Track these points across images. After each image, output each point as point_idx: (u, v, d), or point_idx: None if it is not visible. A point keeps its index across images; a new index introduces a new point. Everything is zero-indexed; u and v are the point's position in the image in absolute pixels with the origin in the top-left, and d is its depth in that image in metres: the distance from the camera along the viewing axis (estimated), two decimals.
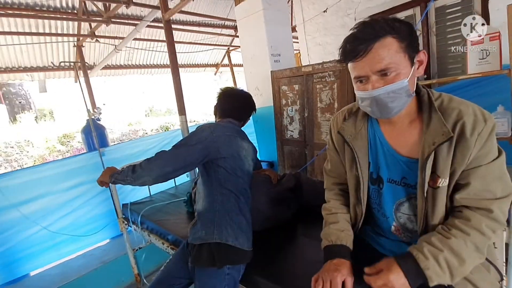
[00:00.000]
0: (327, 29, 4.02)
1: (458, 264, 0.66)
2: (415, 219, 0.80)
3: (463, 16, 2.81)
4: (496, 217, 0.68)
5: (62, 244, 2.58)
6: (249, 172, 1.35)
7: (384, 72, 0.69)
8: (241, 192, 1.27)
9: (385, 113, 0.74)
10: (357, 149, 0.85)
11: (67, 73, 5.60)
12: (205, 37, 6.31)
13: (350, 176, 0.90)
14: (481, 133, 0.67)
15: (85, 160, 2.68)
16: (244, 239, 1.21)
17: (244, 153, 1.31)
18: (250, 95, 1.51)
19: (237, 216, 1.23)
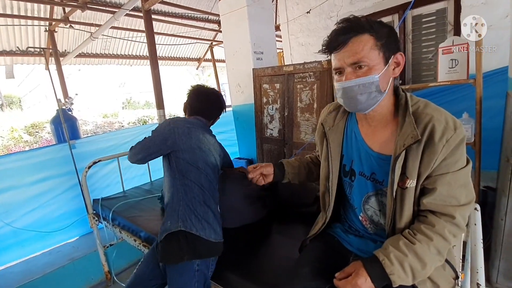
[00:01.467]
0: (310, 30, 4.08)
1: (421, 268, 0.71)
2: (379, 214, 0.86)
3: (437, 26, 2.97)
4: (457, 223, 0.73)
5: (28, 241, 2.43)
6: (214, 165, 1.35)
7: (357, 65, 0.75)
8: (204, 184, 1.28)
9: (353, 105, 0.80)
10: (331, 140, 0.91)
11: (37, 59, 5.27)
12: (187, 30, 6.16)
13: (322, 166, 0.96)
14: (449, 140, 0.71)
15: (53, 153, 2.53)
16: (210, 230, 1.21)
17: (208, 147, 1.33)
18: (220, 95, 1.53)
19: (201, 207, 1.23)
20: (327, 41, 0.79)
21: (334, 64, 0.80)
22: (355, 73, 0.76)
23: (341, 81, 0.78)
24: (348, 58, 0.75)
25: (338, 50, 0.77)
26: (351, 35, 0.75)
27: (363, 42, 0.74)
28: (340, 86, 0.79)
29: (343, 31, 0.76)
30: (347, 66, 0.76)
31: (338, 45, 0.76)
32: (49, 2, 3.90)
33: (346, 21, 0.77)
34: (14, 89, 12.16)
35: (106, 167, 2.82)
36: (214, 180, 1.34)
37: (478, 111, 1.69)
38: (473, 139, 1.69)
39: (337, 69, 0.79)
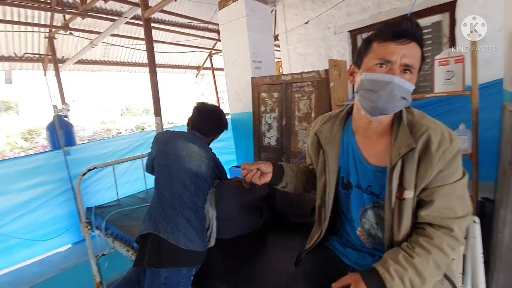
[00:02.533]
0: (308, 40, 4.12)
1: (420, 283, 0.69)
2: (377, 227, 0.83)
3: (433, 39, 3.02)
4: (456, 236, 0.72)
5: (16, 248, 2.37)
6: (194, 172, 1.35)
7: (407, 68, 0.72)
8: (176, 189, 1.29)
9: (388, 104, 0.73)
10: (328, 152, 0.88)
11: (35, 64, 5.26)
12: (187, 39, 6.22)
13: (319, 179, 0.93)
14: (445, 152, 0.70)
15: (46, 159, 2.50)
16: (179, 235, 1.19)
17: (188, 153, 1.37)
18: (221, 114, 1.56)
19: (170, 210, 1.25)
20: (391, 25, 0.73)
21: (384, 54, 0.71)
22: (401, 75, 0.72)
23: (390, 74, 0.71)
24: (406, 57, 0.71)
25: (399, 42, 0.71)
26: (415, 38, 0.72)
27: (418, 52, 0.73)
28: (387, 79, 0.71)
29: (412, 28, 0.71)
30: (399, 64, 0.71)
31: (402, 37, 0.70)
32: (50, 9, 3.93)
33: (414, 22, 0.73)
34: (12, 95, 12.13)
35: (99, 172, 2.79)
36: (191, 186, 1.32)
37: (474, 123, 1.69)
38: (470, 151, 1.69)
39: (385, 60, 0.72)
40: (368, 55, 0.76)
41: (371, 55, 0.74)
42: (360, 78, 0.77)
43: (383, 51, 0.72)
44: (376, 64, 0.73)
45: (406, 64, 0.71)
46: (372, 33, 0.77)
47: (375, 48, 0.74)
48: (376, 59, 0.73)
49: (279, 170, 0.95)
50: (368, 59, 0.75)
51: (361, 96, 0.78)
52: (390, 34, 0.72)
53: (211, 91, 8.64)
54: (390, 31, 0.72)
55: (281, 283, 0.96)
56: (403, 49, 0.70)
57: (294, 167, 1.04)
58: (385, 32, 0.73)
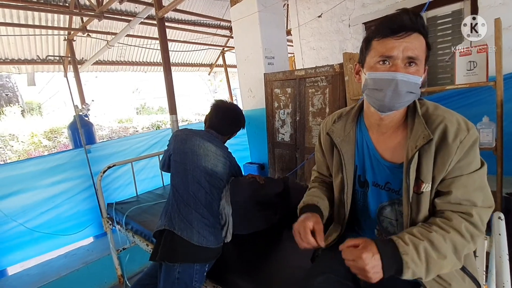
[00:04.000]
0: (321, 34, 4.05)
1: (436, 256, 0.65)
2: (396, 224, 0.81)
3: (453, 28, 2.89)
4: (475, 222, 0.69)
5: (42, 240, 2.51)
6: (209, 170, 1.36)
7: (411, 61, 0.70)
8: (191, 186, 1.31)
9: (395, 101, 0.71)
10: (344, 151, 0.86)
11: (56, 67, 5.48)
12: (200, 37, 6.27)
13: (336, 178, 0.91)
14: (463, 141, 0.68)
15: (69, 157, 2.61)
16: (193, 232, 1.21)
17: (205, 152, 1.38)
18: (240, 112, 1.57)
19: (184, 208, 1.27)
20: (387, 21, 0.71)
21: (385, 50, 0.70)
22: (405, 69, 0.70)
23: (392, 71, 0.69)
24: (407, 50, 0.68)
25: (398, 36, 0.69)
26: (414, 29, 0.69)
27: (421, 42, 0.70)
28: (390, 77, 0.69)
29: (410, 20, 0.69)
30: (401, 58, 0.69)
31: (401, 31, 0.69)
32: (68, 12, 4.07)
33: (412, 13, 0.70)
34: (35, 96, 12.69)
35: (118, 169, 2.88)
36: (205, 185, 1.34)
37: (499, 115, 1.62)
38: (494, 144, 1.62)
39: (386, 57, 0.70)
40: (369, 54, 0.75)
41: (372, 53, 0.74)
42: (364, 78, 0.76)
43: (383, 48, 0.71)
44: (378, 61, 0.72)
45: (409, 57, 0.69)
46: (371, 31, 0.75)
47: (375, 46, 0.73)
48: (377, 56, 0.72)
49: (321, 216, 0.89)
50: (370, 58, 0.74)
51: (368, 95, 0.77)
52: (387, 30, 0.70)
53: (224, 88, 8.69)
54: (387, 27, 0.70)
55: (296, 278, 0.97)
56: (403, 43, 0.69)
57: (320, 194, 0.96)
58: (382, 29, 0.71)
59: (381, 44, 0.71)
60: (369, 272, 0.63)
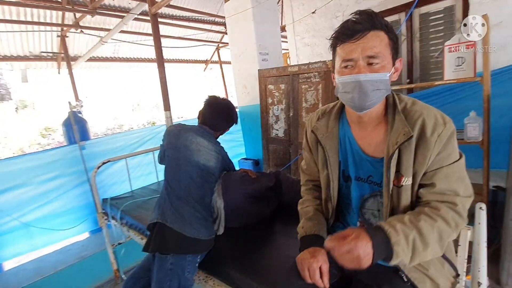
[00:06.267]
0: (315, 30, 4.07)
1: (422, 248, 0.68)
2: (378, 214, 0.84)
3: (445, 24, 2.92)
4: (459, 211, 0.72)
5: (37, 235, 2.52)
6: (202, 165, 1.39)
7: (372, 60, 0.72)
8: (182, 179, 1.34)
9: (363, 101, 0.74)
10: (327, 148, 0.89)
11: (49, 63, 5.41)
12: (194, 33, 6.23)
13: (322, 174, 0.94)
14: (440, 135, 0.71)
15: (63, 153, 2.62)
16: (184, 224, 1.25)
17: (197, 147, 1.40)
18: (233, 108, 1.58)
19: (177, 201, 1.30)
20: (342, 28, 0.75)
21: (345, 55, 0.74)
22: (368, 68, 0.72)
23: (353, 73, 0.73)
24: (365, 50, 0.71)
25: (354, 40, 0.72)
26: (369, 28, 0.72)
27: (380, 38, 0.72)
28: (352, 79, 0.73)
29: (362, 22, 0.72)
30: (361, 59, 0.72)
31: (355, 34, 0.72)
32: (61, 8, 4.02)
33: (364, 13, 0.74)
34: (28, 93, 12.54)
35: (113, 166, 2.89)
36: (197, 179, 1.37)
37: (486, 110, 1.66)
38: (481, 138, 1.66)
39: (347, 60, 0.74)
40: (335, 59, 0.79)
41: (337, 59, 0.78)
42: (336, 82, 0.80)
43: (343, 52, 0.74)
44: (342, 66, 0.75)
45: (369, 56, 0.72)
46: (333, 39, 0.79)
47: (339, 52, 0.76)
48: (340, 61, 0.76)
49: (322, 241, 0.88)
50: (336, 63, 0.78)
51: (341, 99, 0.82)
52: (344, 35, 0.74)
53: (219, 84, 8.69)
54: (343, 33, 0.74)
55: (285, 267, 0.99)
56: (360, 44, 0.71)
57: (317, 215, 0.97)
58: (340, 35, 0.75)
59: (342, 49, 0.75)
60: (362, 260, 0.65)
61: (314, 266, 0.79)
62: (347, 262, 0.66)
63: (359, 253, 0.64)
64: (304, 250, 0.87)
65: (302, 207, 1.03)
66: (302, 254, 0.86)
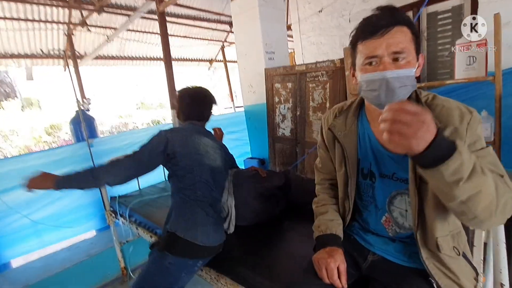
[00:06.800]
0: (322, 29, 4.05)
1: (480, 173, 0.56)
2: (406, 214, 0.82)
3: (453, 23, 2.90)
4: (507, 182, 0.63)
5: (45, 232, 2.53)
6: (213, 166, 1.35)
7: (398, 56, 0.70)
8: (199, 185, 1.29)
9: (390, 98, 0.71)
10: (346, 145, 0.88)
11: (55, 61, 5.45)
12: (199, 31, 6.25)
13: (339, 172, 0.92)
14: (470, 122, 0.68)
15: (73, 151, 2.63)
16: (196, 231, 1.21)
17: (205, 149, 1.34)
18: (207, 92, 1.48)
19: (190, 208, 1.26)
20: (365, 24, 0.72)
21: (369, 51, 0.71)
22: (394, 64, 0.70)
23: (378, 70, 0.70)
24: (391, 46, 0.69)
25: (378, 36, 0.69)
26: (393, 24, 0.69)
27: (404, 33, 0.70)
28: (378, 77, 0.70)
29: (385, 17, 0.70)
30: (386, 55, 0.70)
31: (379, 30, 0.69)
32: (68, 6, 4.05)
33: (386, 9, 0.72)
34: (34, 91, 12.64)
35: None
36: (211, 182, 1.33)
37: (497, 109, 1.64)
38: (493, 138, 1.64)
39: (371, 57, 0.71)
40: (357, 57, 0.76)
41: (359, 56, 0.75)
42: (358, 80, 0.78)
43: (367, 49, 0.72)
44: (366, 63, 0.73)
45: (395, 52, 0.69)
46: (353, 36, 0.77)
47: (360, 49, 0.74)
48: (363, 58, 0.73)
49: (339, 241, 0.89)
50: (358, 60, 0.76)
51: (365, 97, 0.79)
52: (366, 32, 0.72)
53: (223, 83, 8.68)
54: (365, 30, 0.72)
55: (299, 267, 0.99)
56: (384, 40, 0.69)
57: (333, 214, 0.96)
58: (362, 32, 0.73)
59: (365, 46, 0.72)
60: (422, 128, 0.52)
61: (332, 265, 0.78)
62: (404, 129, 0.53)
63: (426, 118, 0.53)
64: (320, 249, 0.86)
65: (317, 205, 1.01)
66: (319, 253, 0.85)
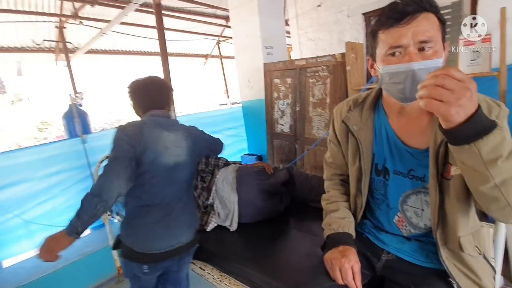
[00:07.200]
0: (320, 24, 4.01)
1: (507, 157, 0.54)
2: (421, 213, 0.78)
3: (453, 19, 2.89)
4: None
5: (38, 232, 2.45)
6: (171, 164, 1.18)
7: (424, 45, 0.64)
8: (147, 188, 1.15)
9: (415, 92, 0.62)
10: (362, 140, 0.83)
11: (46, 55, 5.29)
12: (195, 25, 6.13)
13: (352, 167, 0.88)
14: (498, 116, 0.64)
15: (66, 147, 2.54)
16: (135, 238, 1.16)
17: (163, 145, 1.17)
18: (158, 77, 1.35)
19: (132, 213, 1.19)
20: (389, 11, 0.66)
21: (393, 41, 0.65)
22: (420, 54, 0.64)
23: (404, 62, 0.64)
24: (417, 34, 0.63)
25: (403, 23, 0.63)
26: (419, 10, 0.63)
27: (432, 21, 0.64)
28: (404, 69, 0.64)
29: (412, 3, 0.64)
30: (412, 44, 0.64)
31: (405, 17, 0.63)
32: None
33: None
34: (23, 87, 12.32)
35: None
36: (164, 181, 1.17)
37: None
38: None
39: (396, 47, 0.65)
40: (378, 47, 0.70)
41: (381, 46, 0.69)
42: (379, 72, 0.72)
43: (390, 38, 0.66)
44: (388, 54, 0.67)
45: (422, 41, 0.63)
46: (374, 24, 0.71)
47: (382, 38, 0.68)
48: (386, 48, 0.67)
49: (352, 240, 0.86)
50: (380, 50, 0.70)
51: (386, 90, 0.73)
52: (390, 19, 0.66)
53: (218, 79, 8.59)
54: (389, 17, 0.66)
55: (308, 266, 0.96)
56: (411, 28, 0.63)
57: (345, 211, 0.91)
58: (385, 20, 0.67)
59: (388, 35, 0.66)
60: (465, 96, 0.50)
61: (346, 266, 0.75)
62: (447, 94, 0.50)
63: (472, 87, 0.50)
64: (332, 248, 0.82)
65: (327, 202, 0.97)
66: (331, 253, 0.81)
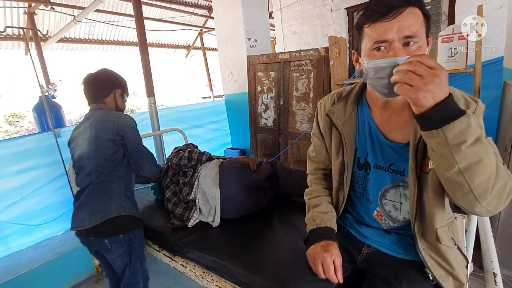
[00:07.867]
0: (303, 18, 3.99)
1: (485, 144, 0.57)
2: (400, 207, 0.80)
3: (432, 16, 2.96)
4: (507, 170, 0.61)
5: (11, 237, 2.30)
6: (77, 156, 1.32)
7: (409, 41, 0.64)
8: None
9: None
10: (345, 133, 0.84)
11: (15, 43, 4.95)
12: (176, 15, 5.94)
13: (335, 161, 0.89)
14: (475, 112, 0.64)
15: (37, 141, 2.38)
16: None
17: (74, 139, 1.35)
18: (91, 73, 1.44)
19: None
20: (375, 4, 0.65)
21: (378, 35, 0.65)
22: (405, 50, 0.64)
23: (388, 57, 0.64)
24: (402, 29, 0.63)
25: (389, 18, 0.63)
26: (405, 5, 0.63)
27: (417, 15, 0.63)
28: (389, 63, 0.63)
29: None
30: (397, 39, 0.63)
31: (391, 11, 0.63)
32: None
33: None
34: None
35: None
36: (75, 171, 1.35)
37: None
38: None
39: (380, 42, 0.65)
40: (363, 41, 0.70)
41: (366, 40, 0.69)
42: (364, 67, 0.71)
43: (375, 33, 0.65)
44: (373, 49, 0.67)
45: (407, 36, 0.63)
46: (360, 17, 0.70)
47: (368, 32, 0.68)
48: (371, 43, 0.67)
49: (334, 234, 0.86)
50: (365, 45, 0.69)
51: (371, 84, 0.73)
52: (375, 13, 0.65)
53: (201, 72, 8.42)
54: (375, 11, 0.65)
55: (291, 260, 0.96)
56: (396, 23, 0.63)
57: (327, 206, 0.92)
58: (371, 14, 0.66)
59: (373, 30, 0.66)
60: (433, 82, 0.52)
61: (328, 260, 0.75)
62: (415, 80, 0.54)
63: (441, 75, 0.53)
64: (315, 243, 0.82)
65: (310, 197, 0.97)
66: (314, 247, 0.81)
